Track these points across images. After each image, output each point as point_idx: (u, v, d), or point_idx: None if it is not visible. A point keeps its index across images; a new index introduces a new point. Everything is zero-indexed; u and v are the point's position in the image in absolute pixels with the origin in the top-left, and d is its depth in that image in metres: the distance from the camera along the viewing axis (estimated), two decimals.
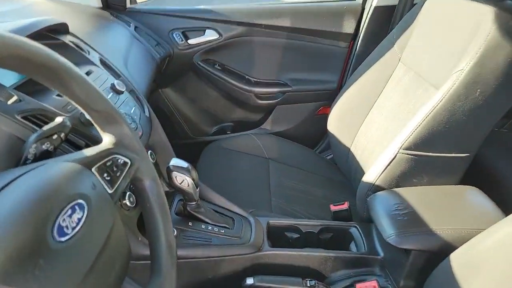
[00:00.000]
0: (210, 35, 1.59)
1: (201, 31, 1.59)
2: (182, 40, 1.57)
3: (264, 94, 1.70)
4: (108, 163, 0.48)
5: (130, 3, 1.61)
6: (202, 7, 1.60)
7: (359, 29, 1.58)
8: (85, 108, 0.45)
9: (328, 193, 1.35)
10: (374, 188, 1.00)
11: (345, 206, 1.06)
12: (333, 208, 1.08)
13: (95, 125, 0.48)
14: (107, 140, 0.49)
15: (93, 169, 0.45)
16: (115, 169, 0.48)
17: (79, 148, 0.64)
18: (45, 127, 0.52)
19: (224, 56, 1.67)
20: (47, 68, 0.38)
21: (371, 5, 1.51)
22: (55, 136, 0.52)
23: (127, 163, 0.50)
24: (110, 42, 1.17)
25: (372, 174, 1.02)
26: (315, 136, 1.81)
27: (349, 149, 1.38)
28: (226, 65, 1.69)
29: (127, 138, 0.50)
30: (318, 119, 1.75)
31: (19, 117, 0.56)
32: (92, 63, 0.90)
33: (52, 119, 0.57)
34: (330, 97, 1.68)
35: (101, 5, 1.50)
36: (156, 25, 1.55)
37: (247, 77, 1.71)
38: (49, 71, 0.38)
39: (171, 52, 1.54)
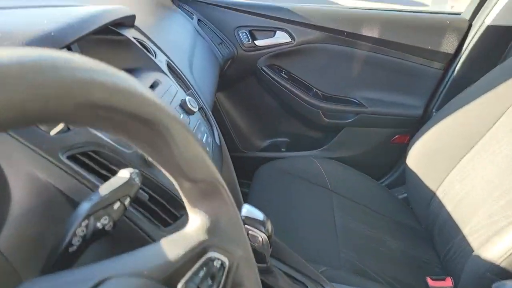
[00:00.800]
0: (281, 38, 1.37)
1: (271, 31, 1.37)
2: (248, 40, 1.36)
3: (333, 112, 1.46)
4: (201, 272, 0.28)
5: None
6: (275, 4, 1.38)
7: (461, 49, 1.31)
8: (176, 176, 0.26)
9: (404, 245, 1.10)
10: (498, 271, 0.74)
11: (449, 283, 0.80)
12: (431, 283, 0.83)
13: (184, 199, 0.27)
14: (197, 223, 0.29)
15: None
16: (210, 282, 0.28)
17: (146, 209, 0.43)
18: (105, 191, 0.31)
19: (293, 63, 1.45)
20: (142, 122, 0.20)
21: (483, 22, 1.23)
22: (116, 205, 0.31)
23: (224, 265, 0.30)
24: (174, 39, 0.96)
25: (494, 249, 0.76)
26: (384, 167, 1.55)
27: (434, 194, 1.12)
28: (293, 73, 1.46)
29: (226, 218, 0.30)
30: (391, 148, 1.49)
31: (64, 158, 0.36)
32: (159, 70, 0.69)
33: (109, 158, 0.36)
34: (412, 125, 1.42)
35: None
36: (221, 20, 1.35)
37: (315, 90, 1.48)
38: (145, 127, 0.21)
39: (235, 52, 1.34)
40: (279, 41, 1.37)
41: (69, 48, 0.52)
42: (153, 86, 0.63)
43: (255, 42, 1.36)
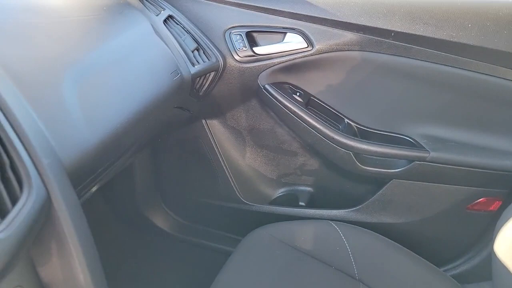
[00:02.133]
0: (293, 43, 0.91)
1: (278, 34, 0.92)
2: (244, 46, 0.92)
3: (373, 156, 0.95)
4: None
5: None
6: None
7: None
8: None
9: None
10: None
11: None
12: None
13: None
14: None
15: None
16: None
17: None
18: None
19: (312, 81, 0.97)
20: None
21: None
22: None
23: None
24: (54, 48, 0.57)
25: None
26: (453, 247, 1.00)
27: None
28: (314, 96, 0.99)
29: None
30: (467, 219, 0.94)
31: None
32: None
33: None
34: (504, 184, 0.86)
35: None
36: (207, 18, 0.93)
37: (347, 121, 0.99)
38: None
39: (219, 64, 0.90)
40: (289, 47, 0.91)
41: None
42: None
43: (254, 49, 0.92)
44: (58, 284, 0.41)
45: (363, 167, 0.95)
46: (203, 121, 1.07)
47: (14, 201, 0.36)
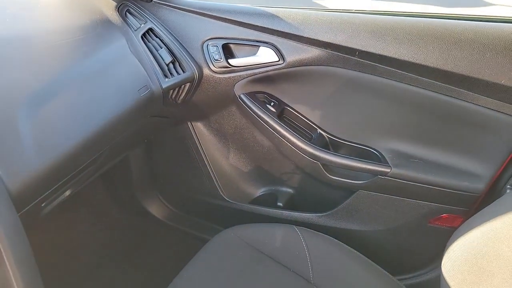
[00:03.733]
0: (266, 55, 0.94)
1: (253, 46, 0.96)
2: (220, 58, 0.96)
3: (341, 168, 0.98)
4: None
5: None
6: (258, 7, 0.95)
7: None
8: None
9: None
10: None
11: None
12: None
13: None
14: None
15: None
16: None
17: None
18: None
19: (286, 92, 1.01)
20: None
21: None
22: None
23: None
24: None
25: None
26: (410, 258, 1.03)
27: None
28: (289, 106, 1.03)
29: None
30: (429, 231, 0.96)
31: None
32: None
33: None
34: (464, 203, 0.88)
35: None
36: (186, 29, 0.98)
37: (319, 131, 1.02)
38: None
39: (194, 75, 0.96)
40: (262, 60, 0.94)
41: None
42: None
43: (229, 61, 0.96)
44: None
45: (330, 177, 0.99)
46: (189, 123, 1.14)
47: None
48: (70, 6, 0.86)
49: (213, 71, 0.97)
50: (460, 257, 0.65)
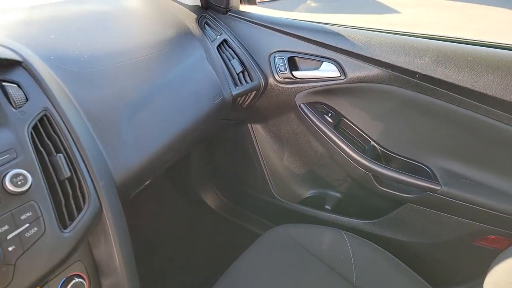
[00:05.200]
0: (328, 70, 1.01)
1: (316, 61, 1.03)
2: (285, 70, 1.05)
3: (391, 181, 1.03)
4: None
5: (246, 1, 1.17)
6: (325, 25, 1.02)
7: None
8: None
9: None
10: None
11: None
12: None
13: None
14: None
15: None
16: None
17: None
18: None
19: (344, 105, 1.07)
20: None
21: None
22: None
23: None
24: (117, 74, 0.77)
25: None
26: (454, 275, 1.06)
27: None
28: (345, 117, 1.09)
29: None
30: (473, 249, 0.99)
31: None
32: (9, 124, 0.53)
33: None
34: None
35: (198, 4, 1.11)
36: (256, 41, 1.07)
37: (373, 143, 1.07)
38: None
39: (260, 84, 1.05)
40: (324, 74, 1.01)
41: None
42: None
43: (294, 73, 1.04)
44: (103, 261, 0.63)
45: (380, 188, 1.05)
46: (249, 125, 1.24)
47: (79, 210, 0.57)
48: (159, 19, 0.97)
49: (278, 81, 1.06)
50: (503, 280, 0.70)
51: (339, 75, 0.99)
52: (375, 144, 1.07)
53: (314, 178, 1.26)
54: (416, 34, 0.94)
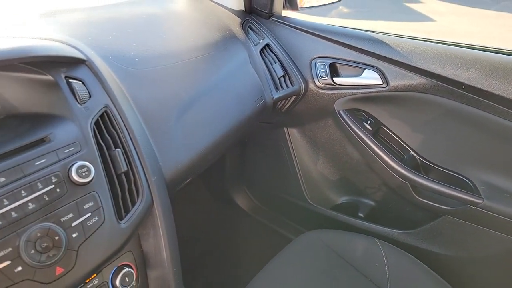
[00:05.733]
0: (370, 78, 1.01)
1: (358, 69, 1.03)
2: (325, 75, 1.05)
3: (429, 190, 1.02)
4: None
5: (288, 6, 1.18)
6: (369, 32, 1.02)
7: None
8: None
9: None
10: None
11: None
12: None
13: None
14: None
15: None
16: None
17: None
18: None
19: (384, 112, 1.07)
20: None
21: None
22: None
23: None
24: (168, 73, 0.80)
25: None
26: (494, 286, 1.03)
27: None
28: (385, 125, 1.08)
29: None
30: (511, 267, 0.97)
31: None
32: (74, 119, 0.57)
33: None
34: None
35: (242, 8, 1.14)
36: (298, 46, 1.08)
37: (412, 153, 1.06)
38: None
39: (301, 89, 1.06)
40: (365, 82, 1.02)
41: None
42: (43, 141, 0.53)
43: (334, 79, 1.05)
44: (151, 254, 0.65)
45: (418, 198, 1.04)
46: (285, 129, 1.25)
47: (133, 203, 0.60)
48: (206, 23, 1.00)
49: (318, 86, 1.07)
50: None
51: (381, 83, 0.99)
52: (414, 154, 1.06)
53: (347, 185, 1.26)
54: (463, 45, 0.92)
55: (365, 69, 1.01)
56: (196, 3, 1.10)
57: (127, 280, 0.61)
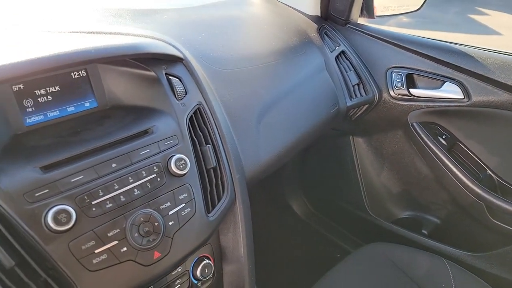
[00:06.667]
0: (449, 92, 0.98)
1: (437, 81, 1.00)
2: (401, 86, 1.03)
3: (508, 214, 0.96)
4: None
5: (365, 14, 1.17)
6: (451, 43, 0.98)
7: None
8: None
9: None
10: None
11: None
12: None
13: None
14: None
15: None
16: None
17: None
18: None
19: (462, 128, 1.03)
20: None
21: None
22: None
23: None
24: (250, 76, 0.82)
25: None
26: None
27: None
28: (461, 142, 1.04)
29: None
30: None
31: None
32: (172, 114, 0.60)
33: None
34: None
35: (318, 14, 1.14)
36: (374, 55, 1.07)
37: (489, 172, 1.01)
38: None
39: (374, 98, 1.05)
40: (445, 95, 0.98)
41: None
42: (146, 133, 0.57)
43: (411, 90, 1.02)
44: (228, 248, 0.67)
45: (493, 220, 0.98)
46: (350, 137, 1.24)
47: (219, 198, 0.63)
48: (284, 27, 1.02)
49: (392, 96, 1.04)
50: None
51: (462, 97, 0.95)
52: (492, 174, 1.01)
53: (412, 199, 1.22)
54: None
55: (445, 81, 0.98)
56: (273, 7, 1.12)
57: (206, 272, 0.63)
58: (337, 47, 1.06)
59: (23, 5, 0.80)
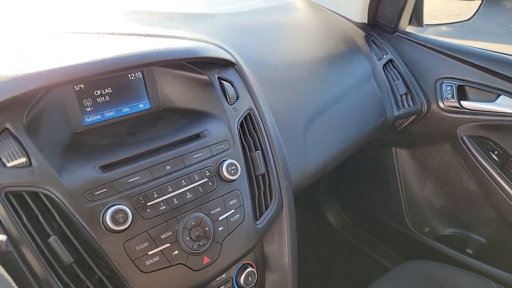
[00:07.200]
0: (507, 106, 0.93)
1: (491, 94, 0.95)
2: (452, 98, 0.99)
3: None
4: None
5: (415, 22, 1.14)
6: (506, 54, 0.93)
7: None
8: None
9: None
10: None
11: None
12: None
13: None
14: None
15: None
16: None
17: None
18: None
19: None
20: None
21: None
22: None
23: None
24: (301, 83, 0.80)
25: None
26: None
27: None
28: None
29: None
30: None
31: None
32: (223, 118, 0.60)
33: None
34: None
35: (365, 21, 1.12)
36: (422, 64, 1.03)
37: None
38: None
39: (422, 109, 1.01)
40: (499, 109, 0.93)
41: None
42: (198, 136, 0.57)
43: (462, 102, 0.98)
44: (272, 257, 0.66)
45: None
46: (393, 148, 1.20)
47: (266, 206, 0.62)
48: (331, 34, 1.00)
49: (441, 108, 1.00)
50: None
51: None
52: None
53: (456, 216, 1.17)
54: None
55: (500, 95, 0.93)
56: (319, 13, 1.11)
57: (250, 280, 0.62)
58: (384, 55, 1.03)
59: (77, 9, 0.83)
